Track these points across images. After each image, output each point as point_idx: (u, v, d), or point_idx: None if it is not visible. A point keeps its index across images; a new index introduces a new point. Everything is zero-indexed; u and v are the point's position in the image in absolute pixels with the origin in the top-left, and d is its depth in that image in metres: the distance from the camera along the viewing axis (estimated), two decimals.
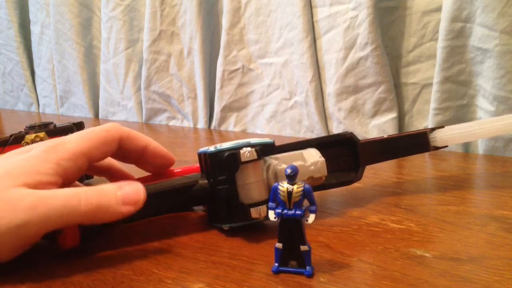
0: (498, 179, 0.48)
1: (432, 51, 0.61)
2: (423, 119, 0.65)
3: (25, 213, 0.29)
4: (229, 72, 0.79)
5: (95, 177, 0.54)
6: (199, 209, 0.42)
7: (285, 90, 0.74)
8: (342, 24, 0.65)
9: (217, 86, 0.81)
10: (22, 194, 0.30)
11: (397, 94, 0.66)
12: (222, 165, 0.35)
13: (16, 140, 0.48)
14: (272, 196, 0.30)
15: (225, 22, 0.77)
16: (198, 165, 0.39)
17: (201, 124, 0.85)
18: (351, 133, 0.42)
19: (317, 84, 0.70)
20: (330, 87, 0.69)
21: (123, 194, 0.32)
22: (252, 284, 0.29)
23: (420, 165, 0.55)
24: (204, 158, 0.37)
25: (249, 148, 0.35)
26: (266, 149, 0.36)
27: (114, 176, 0.41)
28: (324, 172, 0.39)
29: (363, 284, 0.28)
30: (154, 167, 0.40)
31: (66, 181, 0.33)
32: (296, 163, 0.37)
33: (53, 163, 0.32)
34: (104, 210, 0.31)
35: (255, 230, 0.36)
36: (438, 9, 0.60)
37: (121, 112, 0.97)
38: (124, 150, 0.37)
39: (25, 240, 0.31)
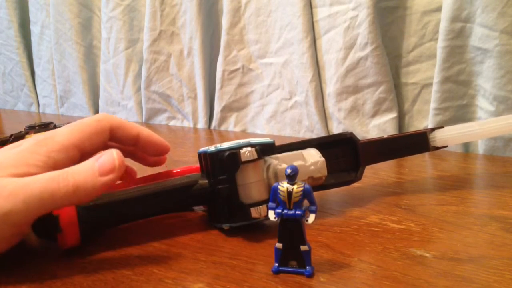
0: (498, 179, 0.48)
1: (432, 51, 0.62)
2: (423, 119, 0.65)
3: (7, 201, 0.29)
4: (229, 72, 0.79)
5: None
6: (199, 209, 0.42)
7: (285, 90, 0.74)
8: (342, 24, 0.65)
9: (217, 86, 0.81)
10: (4, 183, 0.30)
11: (397, 94, 0.66)
12: (222, 165, 0.35)
13: (16, 140, 0.48)
14: (272, 196, 0.30)
15: (225, 22, 0.77)
16: (198, 165, 0.39)
17: (201, 124, 0.85)
18: (351, 133, 0.42)
19: (317, 84, 0.70)
20: (330, 87, 0.69)
21: (99, 165, 0.31)
22: (252, 284, 0.29)
23: (420, 165, 0.55)
24: (204, 157, 0.37)
25: (249, 148, 0.35)
26: (266, 149, 0.36)
27: None
28: (324, 172, 0.39)
29: (363, 284, 0.28)
30: (150, 155, 0.40)
31: None
32: (296, 163, 0.37)
33: (42, 155, 0.32)
34: (83, 187, 0.31)
35: (255, 230, 0.36)
36: (438, 9, 0.60)
37: (121, 112, 0.97)
38: (117, 140, 0.37)
39: (13, 229, 0.31)
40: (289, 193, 0.29)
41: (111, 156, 0.32)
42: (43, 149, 0.32)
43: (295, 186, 0.29)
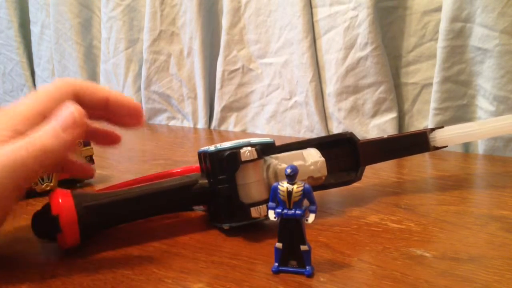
0: (498, 179, 0.48)
1: (432, 51, 0.62)
2: (423, 119, 0.65)
3: None
4: (229, 72, 0.79)
5: (96, 176, 0.54)
6: (199, 209, 0.42)
7: (285, 90, 0.74)
8: (342, 24, 0.65)
9: (217, 86, 0.81)
10: None
11: (397, 94, 0.66)
12: (222, 165, 0.35)
13: None
14: (272, 195, 0.30)
15: (225, 22, 0.77)
16: (198, 165, 0.39)
17: (201, 124, 0.85)
18: (351, 133, 0.42)
19: (317, 84, 0.70)
20: (330, 87, 0.69)
21: (60, 122, 0.31)
22: (252, 284, 0.29)
23: (420, 165, 0.55)
24: (204, 157, 0.37)
25: (249, 148, 0.35)
26: (266, 149, 0.36)
27: (91, 134, 0.40)
28: (324, 172, 0.39)
29: (363, 284, 0.28)
30: (122, 117, 0.38)
31: None
32: (296, 163, 0.37)
33: (9, 130, 0.32)
34: (50, 147, 0.31)
35: (255, 230, 0.36)
36: (438, 9, 0.60)
37: None
38: (85, 104, 0.35)
39: None
40: (289, 193, 0.29)
41: (68, 111, 0.32)
42: (8, 124, 0.32)
43: (295, 186, 0.29)
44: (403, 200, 0.43)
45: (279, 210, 0.29)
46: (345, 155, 0.42)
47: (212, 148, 0.36)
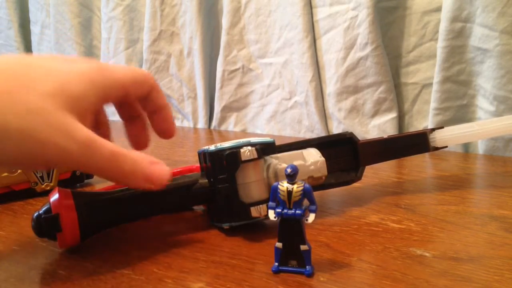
0: (498, 179, 0.48)
1: (432, 51, 0.62)
2: (423, 119, 0.65)
3: (79, 152, 0.28)
4: (229, 72, 0.79)
5: (95, 177, 0.54)
6: (199, 209, 0.42)
7: (285, 90, 0.74)
8: (342, 24, 0.65)
9: (217, 86, 0.81)
10: (76, 128, 0.28)
11: (397, 94, 0.66)
12: (222, 164, 0.35)
13: None
14: (272, 195, 0.30)
15: (225, 22, 0.77)
16: (198, 164, 0.39)
17: (201, 124, 0.85)
18: (351, 133, 0.42)
19: (317, 84, 0.70)
20: (330, 87, 0.69)
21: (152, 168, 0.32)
22: (252, 284, 0.29)
23: (420, 165, 0.55)
24: (204, 157, 0.37)
25: (249, 147, 0.35)
26: (266, 148, 0.36)
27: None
28: (324, 171, 0.39)
29: (363, 284, 0.28)
30: (158, 131, 0.38)
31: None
32: (296, 163, 0.37)
33: (100, 89, 0.31)
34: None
35: (255, 230, 0.36)
36: (438, 9, 0.60)
37: None
38: (149, 102, 0.36)
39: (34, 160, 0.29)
40: (289, 193, 0.29)
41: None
42: (103, 82, 0.31)
43: (295, 186, 0.29)
44: (403, 200, 0.43)
45: (279, 210, 0.29)
46: (345, 155, 0.42)
47: (212, 147, 0.36)
